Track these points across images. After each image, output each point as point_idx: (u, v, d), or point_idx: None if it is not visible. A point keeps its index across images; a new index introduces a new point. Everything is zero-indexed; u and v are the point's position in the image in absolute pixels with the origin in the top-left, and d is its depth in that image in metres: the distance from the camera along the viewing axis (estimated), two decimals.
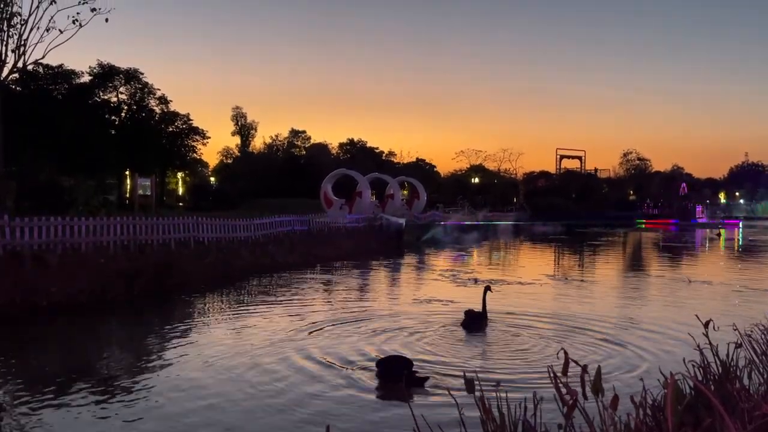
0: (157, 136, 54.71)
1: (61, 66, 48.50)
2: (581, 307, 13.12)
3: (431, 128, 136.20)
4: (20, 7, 25.77)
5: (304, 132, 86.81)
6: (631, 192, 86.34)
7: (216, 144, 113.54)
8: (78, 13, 26.14)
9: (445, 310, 12.69)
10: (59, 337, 10.83)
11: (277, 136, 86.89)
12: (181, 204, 58.86)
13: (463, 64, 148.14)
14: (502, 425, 2.54)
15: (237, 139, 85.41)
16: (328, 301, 14.25)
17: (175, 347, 9.44)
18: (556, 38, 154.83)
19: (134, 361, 8.86)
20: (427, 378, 7.36)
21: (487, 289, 11.54)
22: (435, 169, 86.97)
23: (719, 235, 44.49)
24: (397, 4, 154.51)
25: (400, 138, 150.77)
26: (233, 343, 9.64)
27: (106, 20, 26.84)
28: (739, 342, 3.76)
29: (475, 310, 10.97)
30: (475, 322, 10.66)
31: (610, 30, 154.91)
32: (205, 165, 79.70)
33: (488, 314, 11.14)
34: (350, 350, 9.02)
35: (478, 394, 2.45)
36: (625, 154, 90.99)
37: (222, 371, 7.98)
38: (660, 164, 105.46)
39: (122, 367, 8.59)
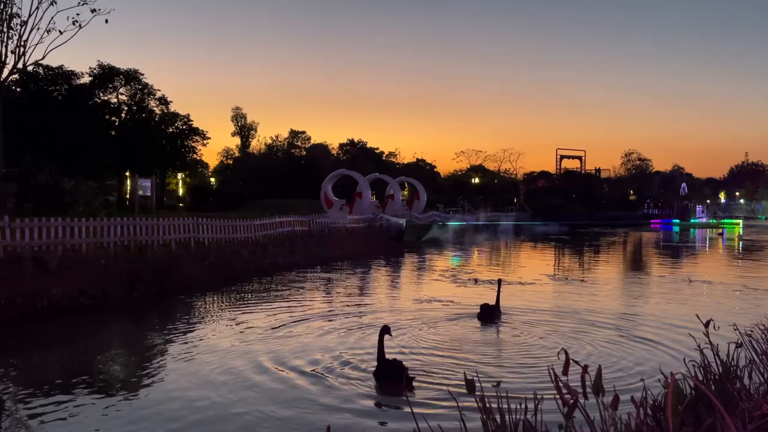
0: (157, 136, 54.71)
1: (61, 67, 48.51)
2: (587, 304, 13.11)
3: (431, 128, 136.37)
4: (20, 8, 25.85)
5: (303, 132, 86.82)
6: (632, 192, 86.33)
7: (216, 145, 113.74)
8: (78, 14, 26.25)
9: (446, 309, 12.68)
10: (60, 338, 10.82)
11: (277, 136, 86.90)
12: (181, 205, 58.90)
13: (463, 64, 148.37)
14: (503, 425, 2.54)
15: (237, 140, 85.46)
16: (328, 302, 14.24)
17: (175, 349, 9.44)
18: (557, 38, 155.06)
19: (135, 362, 8.85)
20: (413, 378, 7.42)
21: (500, 282, 12.50)
22: (435, 170, 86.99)
23: (721, 234, 45.20)
24: (398, 5, 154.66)
25: (400, 138, 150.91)
26: (234, 344, 9.63)
27: (106, 21, 26.94)
28: (739, 342, 3.76)
29: (490, 304, 11.69)
30: (490, 314, 11.46)
31: (610, 30, 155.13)
32: (206, 166, 79.75)
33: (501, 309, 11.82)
34: (350, 351, 9.02)
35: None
36: (626, 154, 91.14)
37: (223, 372, 7.98)
38: (660, 164, 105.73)
39: (123, 369, 8.58)
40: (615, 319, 11.78)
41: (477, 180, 78.66)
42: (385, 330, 7.65)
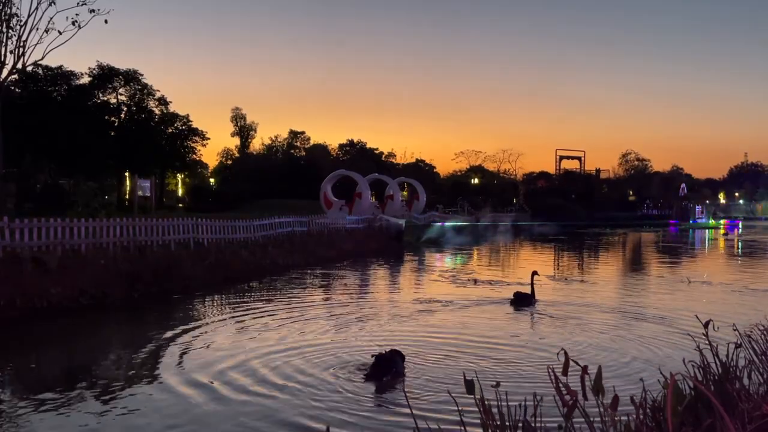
0: (157, 137, 54.75)
1: (60, 67, 48.54)
2: (587, 302, 13.13)
3: (431, 128, 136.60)
4: (19, 8, 25.88)
5: (303, 133, 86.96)
6: (631, 192, 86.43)
7: (215, 145, 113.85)
8: (77, 15, 26.28)
9: (446, 308, 12.69)
10: (59, 339, 10.81)
11: (276, 137, 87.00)
12: (180, 205, 58.95)
13: (463, 64, 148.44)
14: (502, 426, 2.54)
15: (236, 140, 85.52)
16: (328, 303, 14.24)
17: (175, 350, 9.43)
18: (556, 38, 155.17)
19: (134, 363, 8.84)
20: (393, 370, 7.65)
21: (534, 273, 13.87)
22: (435, 170, 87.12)
23: (726, 234, 46.10)
24: (398, 5, 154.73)
25: (399, 138, 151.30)
26: (234, 345, 9.63)
27: (106, 21, 27.01)
28: (738, 342, 3.76)
29: (522, 292, 13.35)
30: (524, 301, 12.98)
31: (610, 30, 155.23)
32: (205, 166, 79.80)
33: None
34: (349, 349, 9.01)
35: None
36: (624, 155, 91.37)
37: (223, 374, 7.97)
38: (660, 165, 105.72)
39: (122, 370, 8.57)
40: (614, 315, 11.79)
41: (476, 180, 78.77)
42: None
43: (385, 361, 7.58)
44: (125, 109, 54.62)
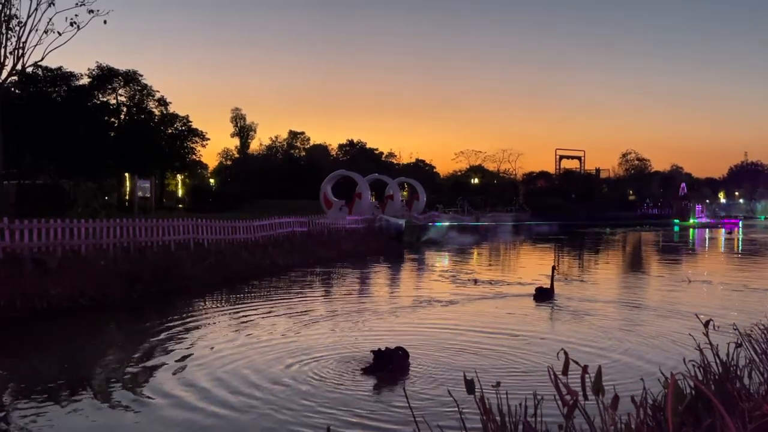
0: (157, 137, 54.66)
1: (60, 68, 48.46)
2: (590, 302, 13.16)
3: (431, 128, 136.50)
4: (18, 10, 25.85)
5: (303, 133, 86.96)
6: (631, 192, 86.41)
7: (215, 145, 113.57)
8: (76, 15, 26.19)
9: (446, 308, 12.69)
10: (59, 339, 10.81)
11: (276, 137, 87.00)
12: (180, 206, 58.91)
13: (462, 64, 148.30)
14: (503, 425, 2.54)
15: (236, 141, 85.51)
16: (329, 303, 14.24)
17: (175, 351, 9.43)
18: (556, 38, 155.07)
19: (134, 364, 8.83)
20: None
21: (554, 269, 14.78)
22: (434, 170, 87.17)
23: (731, 233, 46.65)
24: (398, 5, 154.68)
25: (399, 139, 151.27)
26: (234, 346, 9.62)
27: (105, 22, 26.91)
28: (739, 341, 3.76)
29: (543, 287, 14.01)
30: (545, 296, 13.57)
31: (609, 30, 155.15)
32: (205, 167, 79.76)
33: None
34: (350, 349, 9.01)
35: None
36: (623, 155, 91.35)
37: (224, 375, 7.97)
38: (659, 164, 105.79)
39: (122, 371, 8.56)
40: (616, 313, 11.81)
41: (476, 180, 78.72)
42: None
43: (383, 356, 7.60)
44: (125, 109, 54.58)
